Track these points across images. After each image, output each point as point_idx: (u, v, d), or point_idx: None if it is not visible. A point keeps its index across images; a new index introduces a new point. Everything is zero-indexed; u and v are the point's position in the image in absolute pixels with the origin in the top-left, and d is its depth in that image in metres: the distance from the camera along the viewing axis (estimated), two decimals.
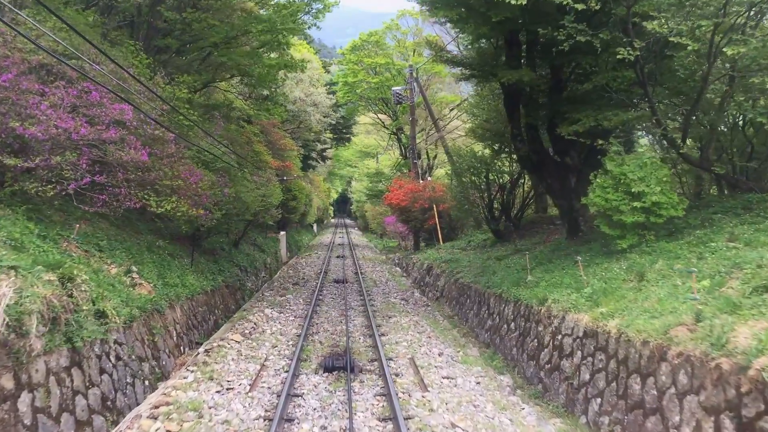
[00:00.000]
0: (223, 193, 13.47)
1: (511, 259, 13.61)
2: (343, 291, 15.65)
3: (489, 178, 17.86)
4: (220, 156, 14.02)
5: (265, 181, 18.11)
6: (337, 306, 13.26)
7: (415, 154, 25.41)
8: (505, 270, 12.18)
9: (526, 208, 18.13)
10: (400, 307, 13.15)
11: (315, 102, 28.32)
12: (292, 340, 9.48)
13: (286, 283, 17.64)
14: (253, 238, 22.05)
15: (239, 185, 15.16)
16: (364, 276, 19.80)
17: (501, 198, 17.91)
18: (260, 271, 19.13)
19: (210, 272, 13.36)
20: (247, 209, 15.71)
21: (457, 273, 14.78)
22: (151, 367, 7.99)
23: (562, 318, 7.74)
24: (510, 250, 15.13)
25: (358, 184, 63.67)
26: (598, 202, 9.23)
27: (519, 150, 13.64)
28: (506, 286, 10.52)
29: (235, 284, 15.28)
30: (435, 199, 22.69)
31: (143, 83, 8.56)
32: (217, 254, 15.48)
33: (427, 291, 17.02)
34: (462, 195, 18.42)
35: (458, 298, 13.79)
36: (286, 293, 15.15)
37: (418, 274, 19.52)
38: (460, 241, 21.09)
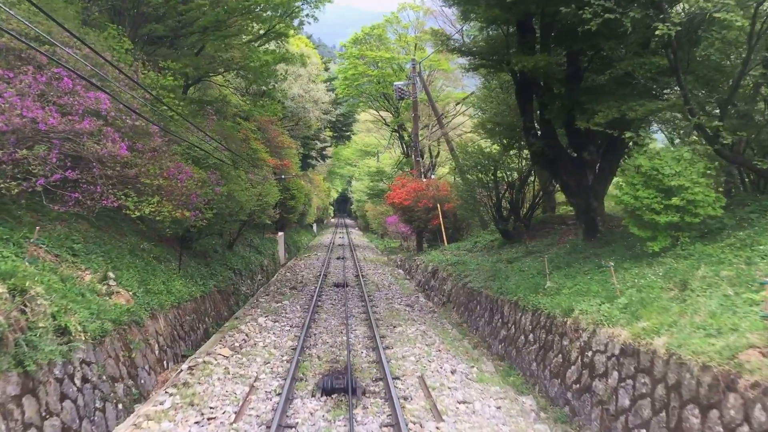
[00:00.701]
0: (215, 191, 12.57)
1: (523, 262, 12.69)
2: (344, 296, 14.72)
3: (497, 175, 16.93)
4: (212, 152, 13.10)
5: (261, 180, 17.19)
6: (337, 313, 12.32)
7: (418, 152, 24.48)
8: (518, 274, 11.26)
9: (536, 208, 17.20)
10: (405, 315, 12.22)
11: (314, 98, 27.37)
12: (286, 354, 8.55)
13: (283, 287, 16.71)
14: (250, 239, 21.13)
15: (233, 183, 14.24)
16: (365, 279, 18.88)
17: (510, 197, 16.99)
18: (256, 274, 18.20)
19: (200, 277, 12.44)
20: (242, 209, 14.80)
21: (465, 277, 13.86)
22: (127, 388, 7.07)
23: (593, 332, 6.81)
24: (521, 252, 14.22)
25: (359, 183, 62.81)
26: (626, 201, 8.31)
27: (532, 145, 12.71)
28: (522, 293, 9.59)
29: (229, 289, 14.36)
30: (439, 198, 21.76)
31: (117, 67, 7.62)
32: (210, 257, 14.56)
33: (433, 295, 16.09)
34: (468, 194, 17.50)
35: (467, 304, 12.87)
36: (283, 299, 14.22)
37: (423, 277, 18.59)
38: (466, 242, 20.17)
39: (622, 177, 8.53)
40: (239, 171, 15.38)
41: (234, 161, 16.94)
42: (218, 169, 13.96)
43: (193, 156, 13.11)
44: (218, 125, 17.48)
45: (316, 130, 35.86)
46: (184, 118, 10.91)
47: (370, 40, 29.47)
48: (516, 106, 14.59)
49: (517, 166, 16.90)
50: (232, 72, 21.47)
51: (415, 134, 24.24)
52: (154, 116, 10.16)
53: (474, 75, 23.31)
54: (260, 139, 23.53)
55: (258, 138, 23.33)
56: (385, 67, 29.92)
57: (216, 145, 13.77)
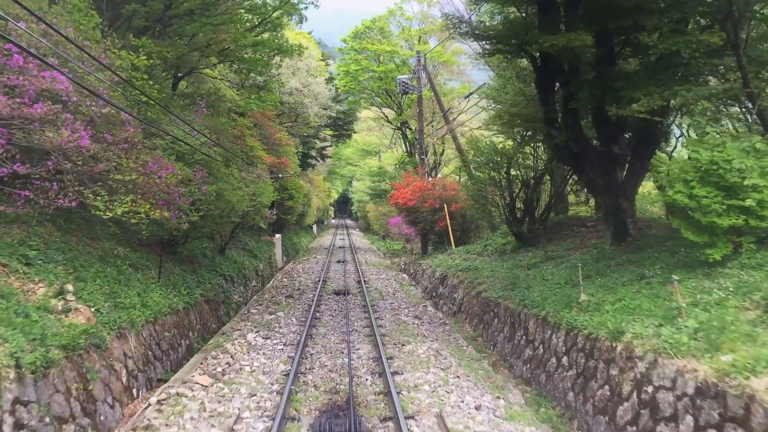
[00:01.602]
0: (201, 190, 11.30)
1: (543, 269, 11.40)
2: (345, 306, 13.43)
3: (510, 173, 15.65)
4: (198, 147, 11.82)
5: (255, 178, 15.91)
6: (338, 327, 11.01)
7: (423, 149, 23.20)
8: (542, 284, 9.96)
9: (552, 208, 15.91)
10: (414, 329, 10.92)
11: (313, 93, 26.11)
12: (277, 382, 7.25)
13: (279, 295, 15.41)
14: (244, 242, 19.85)
15: (223, 182, 12.96)
16: (368, 285, 17.58)
17: (524, 196, 15.71)
18: (250, 280, 16.91)
19: (185, 285, 11.15)
20: (233, 210, 13.52)
21: (478, 285, 12.57)
22: (80, 429, 5.78)
23: (653, 362, 5.52)
24: (539, 257, 12.93)
25: (360, 183, 61.56)
26: (679, 200, 7.02)
27: (554, 138, 11.41)
28: (551, 307, 8.29)
29: (218, 297, 13.07)
30: (446, 198, 20.46)
31: (76, 43, 6.34)
32: (198, 263, 13.28)
33: (442, 304, 14.80)
34: (479, 193, 16.20)
35: (481, 315, 11.57)
36: (277, 309, 12.92)
37: (429, 283, 17.29)
38: (475, 245, 18.88)
39: (671, 170, 7.24)
40: (231, 168, 14.10)
41: (226, 158, 15.67)
42: (206, 166, 12.70)
43: (178, 151, 11.82)
44: (209, 120, 16.24)
45: (315, 128, 34.56)
46: (161, 105, 9.63)
47: (372, 33, 28.21)
48: (535, 96, 13.31)
49: (532, 163, 15.62)
50: (226, 64, 20.20)
51: (420, 130, 22.95)
52: (126, 103, 8.88)
53: (483, 67, 22.00)
54: (256, 135, 22.28)
55: (254, 135, 22.07)
56: (387, 62, 28.65)
57: (204, 140, 12.49)
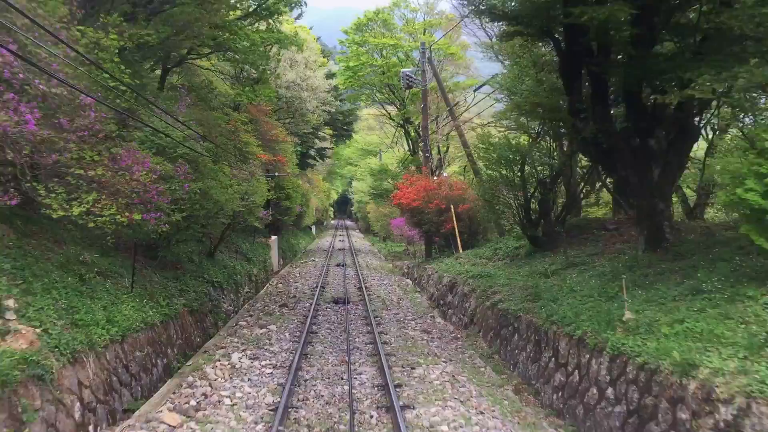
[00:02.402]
0: (183, 188, 10.05)
1: (568, 277, 10.15)
2: (345, 317, 12.16)
3: (525, 171, 14.40)
4: (182, 141, 10.57)
5: (247, 176, 14.65)
6: (337, 344, 9.73)
7: (428, 146, 21.93)
8: (569, 295, 8.70)
9: (571, 209, 14.66)
10: (423, 346, 9.66)
11: (312, 86, 24.86)
12: (262, 420, 5.95)
13: (272, 304, 14.14)
14: (237, 244, 18.59)
15: (209, 179, 11.71)
16: (369, 292, 16.33)
17: (539, 196, 14.46)
18: (242, 286, 15.64)
19: (165, 295, 9.89)
20: (222, 210, 12.27)
21: (492, 294, 11.30)
22: None
23: (745, 408, 4.26)
24: (559, 263, 11.68)
25: (360, 183, 60.37)
26: (751, 199, 5.77)
27: (580, 131, 10.16)
28: (588, 325, 7.03)
29: (205, 307, 11.81)
30: (453, 198, 19.21)
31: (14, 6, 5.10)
32: (182, 268, 12.01)
33: (451, 314, 13.54)
34: (490, 193, 14.95)
35: (498, 329, 10.31)
36: (269, 322, 11.64)
37: (436, 290, 16.03)
38: (484, 249, 17.61)
39: (743, 163, 5.99)
40: (220, 165, 12.86)
41: (216, 154, 14.42)
42: (192, 161, 11.44)
43: (158, 144, 10.58)
44: (199, 113, 15.01)
45: (314, 126, 33.31)
46: (135, 90, 8.36)
47: (374, 26, 26.97)
48: (555, 85, 12.09)
49: (549, 160, 14.36)
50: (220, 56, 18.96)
51: (425, 127, 21.69)
52: (93, 87, 7.62)
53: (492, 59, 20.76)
54: (251, 131, 21.05)
55: (249, 130, 20.82)
56: (390, 57, 27.41)
57: (189, 133, 11.24)
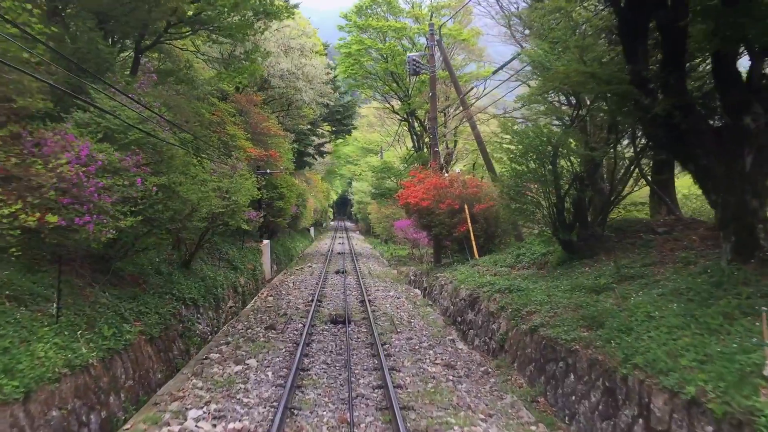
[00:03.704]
0: (137, 184, 7.85)
1: (630, 295, 7.90)
2: (345, 344, 9.90)
3: (557, 165, 12.15)
4: (134, 123, 8.32)
5: (228, 171, 12.41)
6: (334, 389, 7.39)
7: (436, 139, 19.68)
8: (649, 324, 6.44)
9: (611, 208, 12.40)
10: (450, 391, 7.37)
11: (308, 76, 22.61)
12: None
13: (257, 324, 11.87)
14: (223, 250, 16.33)
15: (177, 173, 9.48)
16: (374, 306, 14.08)
17: (574, 194, 12.24)
18: (225, 301, 13.38)
19: (111, 321, 7.64)
20: (194, 211, 10.05)
21: (529, 315, 9.05)
22: None
23: None
24: (607, 275, 9.45)
25: (360, 183, 58.28)
26: None
27: (646, 107, 7.92)
28: (704, 379, 4.77)
29: (172, 332, 9.55)
30: (467, 197, 16.97)
31: None
32: (144, 283, 9.76)
33: (472, 336, 11.29)
34: (516, 190, 12.70)
35: (541, 363, 8.04)
36: (249, 353, 9.32)
37: (451, 303, 13.77)
38: (504, 255, 15.37)
39: None
40: (199, 158, 10.62)
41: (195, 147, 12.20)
42: (156, 151, 9.23)
43: (106, 128, 8.34)
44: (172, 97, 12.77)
45: (312, 121, 31.04)
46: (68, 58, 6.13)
47: (378, 10, 24.73)
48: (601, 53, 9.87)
49: (586, 150, 12.09)
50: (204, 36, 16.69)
51: (433, 117, 19.44)
52: None
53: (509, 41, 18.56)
54: (240, 123, 18.83)
55: (237, 122, 18.59)
56: (395, 45, 25.17)
57: (150, 115, 9.00)
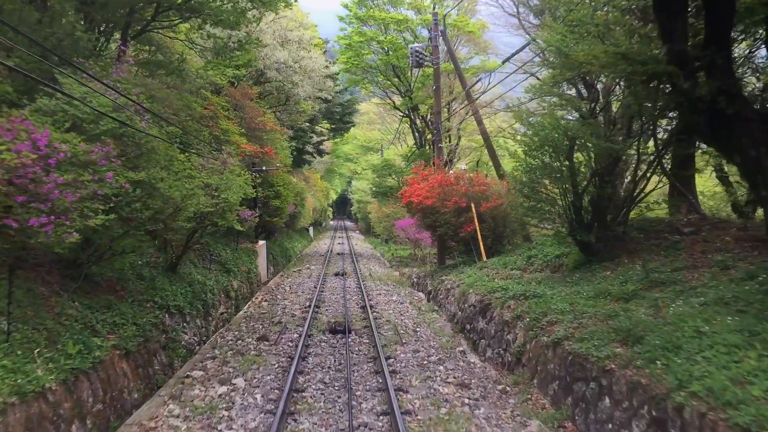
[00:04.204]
0: (107, 179, 6.92)
1: (669, 305, 6.96)
2: (345, 358, 8.95)
3: (574, 159, 11.22)
4: (105, 111, 7.38)
5: (218, 167, 11.47)
6: (333, 416, 6.37)
7: (441, 134, 18.74)
8: (701, 341, 5.50)
9: (633, 206, 11.44)
10: (466, 417, 6.40)
11: (306, 68, 21.63)
12: None
13: (249, 334, 10.91)
14: (215, 252, 15.39)
15: (157, 168, 8.54)
16: (376, 313, 13.15)
17: (593, 191, 11.30)
18: (215, 307, 12.43)
19: (81, 336, 6.70)
20: (178, 210, 9.12)
21: (549, 326, 8.11)
22: None
23: None
24: (634, 280, 8.53)
25: (360, 182, 57.42)
26: None
27: (685, 91, 6.99)
28: None
29: (153, 345, 8.61)
30: (474, 195, 16.04)
31: None
32: (122, 290, 8.82)
33: (484, 346, 10.34)
34: (530, 187, 11.76)
35: (567, 382, 7.09)
36: (237, 370, 8.34)
37: (459, 309, 12.83)
38: (513, 257, 14.44)
39: None
40: (175, 151, 9.67)
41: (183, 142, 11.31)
42: (133, 143, 8.31)
43: (74, 116, 7.40)
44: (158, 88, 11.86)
45: (311, 117, 30.09)
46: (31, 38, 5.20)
47: (379, 1, 23.77)
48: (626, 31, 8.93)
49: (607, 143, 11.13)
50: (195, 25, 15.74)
51: (437, 111, 18.49)
52: None
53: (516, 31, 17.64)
54: (234, 118, 17.90)
55: (231, 116, 17.65)
56: (397, 38, 24.20)
57: (125, 102, 8.05)
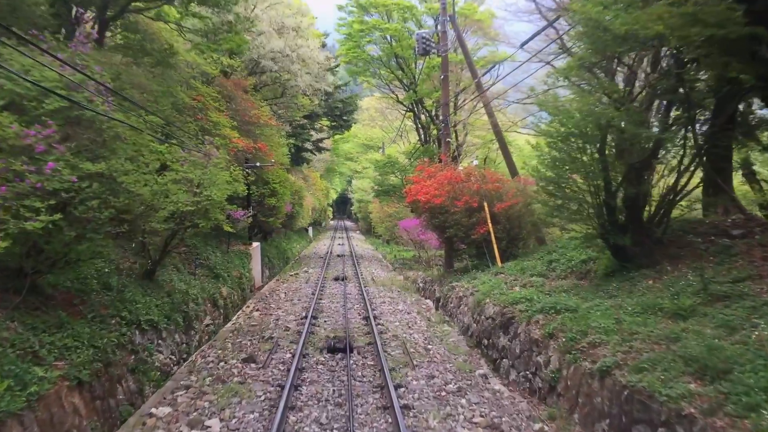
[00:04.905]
0: (46, 170, 5.59)
1: (733, 321, 5.61)
2: (347, 386, 7.58)
3: (605, 151, 9.85)
4: (50, 89, 6.00)
5: (201, 159, 10.09)
6: None
7: (449, 128, 17.35)
8: None
9: (674, 204, 10.05)
10: None
11: (303, 57, 20.23)
12: None
13: (234, 353, 9.51)
14: (204, 255, 14.01)
15: (121, 160, 7.16)
16: (380, 325, 11.77)
17: (629, 189, 9.93)
18: (198, 319, 11.04)
19: (12, 368, 5.32)
20: (150, 209, 7.77)
21: (592, 349, 6.73)
22: None
23: None
24: (688, 292, 7.17)
25: (360, 181, 56.09)
26: None
27: None
28: None
29: (118, 369, 7.21)
30: (487, 194, 14.66)
31: None
32: (84, 304, 7.43)
33: (507, 367, 8.96)
34: (556, 183, 10.38)
35: (623, 421, 5.71)
36: (213, 405, 6.87)
37: (473, 320, 11.45)
38: (532, 261, 13.07)
39: None
40: (144, 140, 8.27)
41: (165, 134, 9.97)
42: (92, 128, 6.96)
43: (11, 92, 6.03)
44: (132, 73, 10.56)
45: (309, 113, 28.70)
46: None
47: None
48: None
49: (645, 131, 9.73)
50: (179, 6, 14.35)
51: (445, 103, 17.10)
52: None
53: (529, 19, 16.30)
54: (225, 110, 16.52)
55: (222, 108, 16.25)
56: (401, 27, 22.81)
57: (82, 80, 6.66)
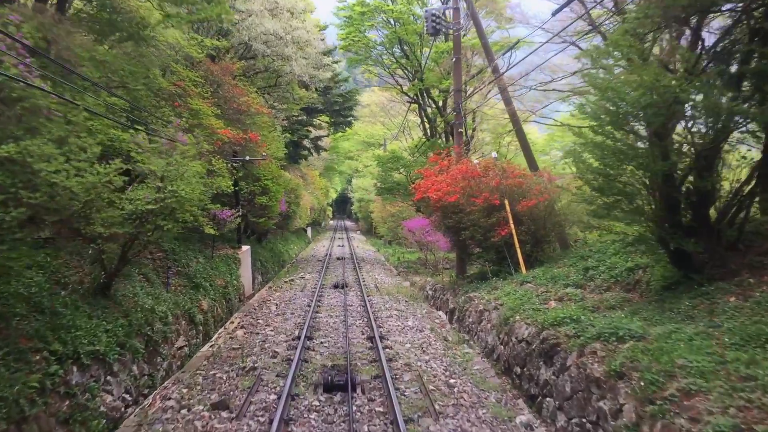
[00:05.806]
0: None
1: None
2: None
3: (667, 135, 7.96)
4: None
5: (165, 146, 8.18)
6: None
7: (462, 117, 15.45)
8: None
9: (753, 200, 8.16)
10: None
11: (299, 40, 18.34)
12: None
13: (203, 393, 7.60)
14: (183, 261, 12.11)
15: (43, 140, 5.24)
16: (389, 349, 9.91)
17: (697, 182, 8.06)
18: (168, 342, 9.12)
19: None
20: (91, 209, 5.87)
21: (686, 399, 4.85)
22: None
23: None
24: None
25: (361, 180, 54.22)
26: None
27: None
28: None
29: (38, 424, 5.31)
30: (508, 190, 12.76)
31: None
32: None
33: (553, 409, 7.08)
34: (604, 176, 8.47)
35: None
36: None
37: (499, 341, 9.54)
38: (562, 269, 11.20)
39: None
40: (79, 117, 6.34)
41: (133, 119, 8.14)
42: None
43: None
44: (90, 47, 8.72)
45: (307, 106, 26.83)
46: None
47: None
48: None
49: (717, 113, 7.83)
50: None
51: (458, 90, 15.20)
52: None
53: None
54: (211, 98, 14.66)
55: (206, 95, 14.37)
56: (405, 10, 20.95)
57: None
